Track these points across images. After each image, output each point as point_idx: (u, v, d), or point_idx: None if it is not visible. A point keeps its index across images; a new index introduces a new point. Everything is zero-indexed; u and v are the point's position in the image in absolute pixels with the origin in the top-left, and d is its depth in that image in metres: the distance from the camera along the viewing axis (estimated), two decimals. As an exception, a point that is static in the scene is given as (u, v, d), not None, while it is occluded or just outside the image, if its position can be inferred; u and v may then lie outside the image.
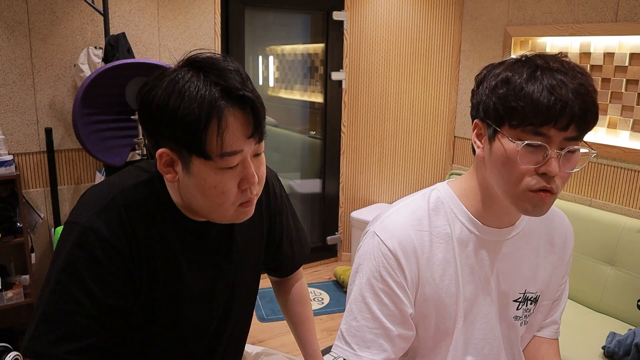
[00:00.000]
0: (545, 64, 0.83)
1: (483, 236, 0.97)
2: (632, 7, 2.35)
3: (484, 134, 0.91)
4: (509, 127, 0.84)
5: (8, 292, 2.32)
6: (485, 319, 1.00)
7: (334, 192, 3.65)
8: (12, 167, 2.29)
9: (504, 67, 0.88)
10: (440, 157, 3.47)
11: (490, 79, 0.88)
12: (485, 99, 0.88)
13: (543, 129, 0.81)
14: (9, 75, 2.43)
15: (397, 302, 0.94)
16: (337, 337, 0.99)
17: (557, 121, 0.80)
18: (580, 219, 2.39)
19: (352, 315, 0.96)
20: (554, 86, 0.80)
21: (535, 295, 1.04)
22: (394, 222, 0.96)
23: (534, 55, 0.87)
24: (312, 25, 3.54)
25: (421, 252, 0.95)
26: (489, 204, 0.96)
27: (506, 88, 0.84)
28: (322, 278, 3.49)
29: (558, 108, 0.79)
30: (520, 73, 0.83)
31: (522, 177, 0.85)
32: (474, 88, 0.94)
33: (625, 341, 1.88)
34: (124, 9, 2.64)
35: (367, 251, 0.96)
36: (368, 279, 0.95)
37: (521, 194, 0.86)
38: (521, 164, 0.83)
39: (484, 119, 0.90)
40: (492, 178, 0.91)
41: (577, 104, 0.80)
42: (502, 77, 0.85)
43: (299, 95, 3.59)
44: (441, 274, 0.96)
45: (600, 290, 2.30)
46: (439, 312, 0.97)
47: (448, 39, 3.29)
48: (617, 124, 2.45)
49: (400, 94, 3.39)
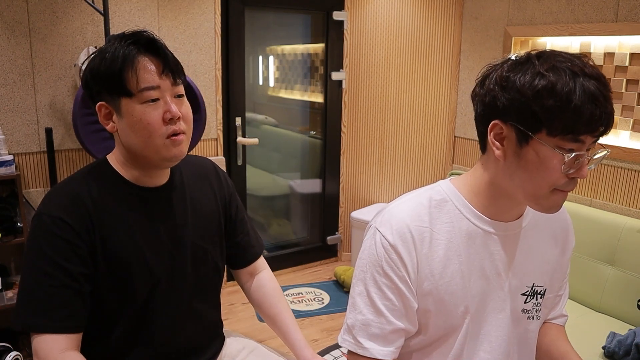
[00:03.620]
0: (580, 70, 0.84)
1: (490, 231, 0.98)
2: (632, 7, 2.35)
3: (509, 137, 0.89)
4: (547, 135, 0.85)
5: (8, 292, 2.32)
6: (499, 314, 1.01)
7: (334, 192, 3.65)
8: (12, 167, 2.29)
9: (533, 68, 0.86)
10: (440, 157, 3.47)
11: (524, 83, 0.85)
12: (520, 106, 0.86)
13: (582, 136, 0.84)
14: (9, 75, 2.43)
15: (401, 297, 0.96)
16: (343, 331, 1.01)
17: (596, 130, 0.84)
18: (580, 219, 2.39)
19: (358, 309, 0.98)
20: (596, 97, 0.82)
21: (542, 289, 1.05)
22: (394, 216, 0.97)
23: (562, 57, 0.86)
24: (312, 25, 3.54)
25: (420, 248, 0.96)
26: (495, 200, 0.97)
27: (553, 99, 0.83)
28: (322, 278, 3.49)
29: (602, 120, 0.83)
30: (564, 81, 0.83)
31: (553, 182, 0.87)
32: (490, 89, 0.90)
33: (625, 341, 1.88)
34: (124, 9, 2.64)
35: (369, 246, 0.98)
36: (372, 274, 0.97)
37: (546, 195, 0.89)
38: (563, 171, 0.86)
39: (511, 122, 0.88)
40: (514, 180, 0.91)
41: (612, 114, 0.85)
42: (544, 84, 0.83)
43: (299, 95, 3.59)
44: (441, 271, 0.96)
45: (600, 290, 2.30)
46: (439, 309, 0.97)
47: (448, 39, 3.29)
48: (617, 124, 2.45)
49: (400, 94, 3.39)
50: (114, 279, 1.10)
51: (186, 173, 1.25)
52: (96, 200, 1.09)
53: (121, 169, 1.14)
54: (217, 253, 1.29)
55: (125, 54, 1.05)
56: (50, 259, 1.04)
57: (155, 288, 1.14)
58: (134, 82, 1.04)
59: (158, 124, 1.05)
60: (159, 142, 1.06)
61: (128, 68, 1.04)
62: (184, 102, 1.11)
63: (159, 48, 1.07)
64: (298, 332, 1.32)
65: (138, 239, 1.12)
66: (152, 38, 1.08)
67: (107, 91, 1.06)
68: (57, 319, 1.03)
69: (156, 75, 1.05)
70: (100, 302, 1.10)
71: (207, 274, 1.26)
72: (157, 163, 1.12)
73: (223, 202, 1.32)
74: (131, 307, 1.12)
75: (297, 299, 3.18)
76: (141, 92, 1.04)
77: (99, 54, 1.08)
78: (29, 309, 1.04)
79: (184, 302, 1.20)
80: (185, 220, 1.20)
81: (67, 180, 1.13)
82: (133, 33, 1.09)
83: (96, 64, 1.07)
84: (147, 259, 1.13)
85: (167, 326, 1.18)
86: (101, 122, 1.10)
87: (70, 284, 1.05)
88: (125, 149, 1.12)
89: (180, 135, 1.08)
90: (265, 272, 1.44)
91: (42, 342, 1.02)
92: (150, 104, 1.05)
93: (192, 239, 1.21)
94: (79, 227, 1.06)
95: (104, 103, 1.08)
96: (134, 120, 1.05)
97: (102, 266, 1.08)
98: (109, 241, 1.09)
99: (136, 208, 1.13)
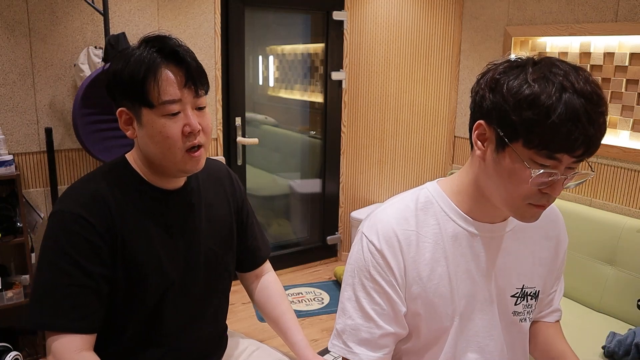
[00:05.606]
0: (571, 85, 0.80)
1: (477, 232, 0.98)
2: (632, 7, 2.35)
3: (490, 139, 0.88)
4: (523, 146, 0.83)
5: (8, 292, 2.32)
6: (486, 315, 1.01)
7: (334, 192, 3.65)
8: (12, 167, 2.29)
9: (523, 75, 0.83)
10: (440, 157, 3.47)
11: (510, 88, 0.83)
12: (501, 111, 0.84)
13: (558, 155, 0.81)
14: (9, 75, 2.43)
15: (389, 301, 0.96)
16: (333, 336, 1.01)
17: (574, 151, 0.81)
18: (580, 219, 2.39)
19: (348, 314, 0.98)
20: (579, 117, 0.78)
21: (534, 291, 1.05)
22: (380, 221, 0.97)
23: (558, 68, 0.83)
24: (312, 25, 3.54)
25: (407, 251, 0.96)
26: (481, 200, 0.96)
27: (532, 111, 0.79)
28: (322, 278, 3.49)
29: (580, 141, 0.79)
30: (547, 94, 0.79)
31: (525, 194, 0.86)
32: (481, 88, 0.89)
33: (625, 341, 1.88)
34: (124, 9, 2.64)
35: (356, 251, 0.99)
36: (360, 279, 0.97)
37: (520, 206, 0.88)
38: (531, 185, 0.84)
39: (494, 126, 0.87)
40: (491, 184, 0.91)
41: (597, 137, 0.81)
42: (527, 94, 0.80)
43: (299, 95, 3.59)
44: (429, 274, 0.96)
45: (600, 290, 2.30)
46: (429, 312, 0.97)
47: (448, 39, 3.29)
48: (617, 123, 2.45)
49: (400, 94, 3.39)
50: (129, 281, 1.09)
51: (202, 176, 1.24)
52: (119, 200, 1.07)
53: (140, 169, 1.13)
54: (228, 257, 1.28)
55: (149, 63, 1.02)
56: (70, 258, 1.01)
57: (167, 291, 1.13)
58: (155, 93, 1.02)
59: (177, 137, 1.04)
60: (177, 155, 1.05)
61: (150, 78, 1.02)
62: (205, 114, 1.09)
63: (183, 58, 1.04)
64: (300, 332, 1.32)
65: (155, 241, 1.11)
66: (177, 47, 1.05)
67: (128, 98, 1.05)
68: (74, 319, 1.02)
69: (178, 87, 1.03)
70: (113, 302, 1.09)
71: (219, 278, 1.26)
72: (174, 173, 1.12)
73: (236, 206, 1.31)
74: (143, 309, 1.12)
75: (297, 299, 3.18)
76: (162, 105, 1.02)
77: (123, 57, 1.05)
78: (45, 307, 1.02)
79: (195, 305, 1.20)
80: (200, 224, 1.20)
81: (87, 178, 1.11)
82: (158, 38, 1.06)
83: (119, 69, 1.05)
84: (162, 262, 1.12)
85: (178, 328, 1.18)
86: (121, 128, 1.09)
87: (89, 284, 1.03)
88: (143, 154, 1.11)
89: (199, 151, 1.07)
90: (270, 274, 1.44)
91: (58, 341, 1.02)
92: (171, 117, 1.03)
93: (206, 244, 1.20)
94: (101, 227, 1.04)
95: (124, 109, 1.07)
96: (153, 131, 1.04)
97: (120, 267, 1.07)
98: (128, 242, 1.07)
99: (154, 210, 1.12)
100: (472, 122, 0.93)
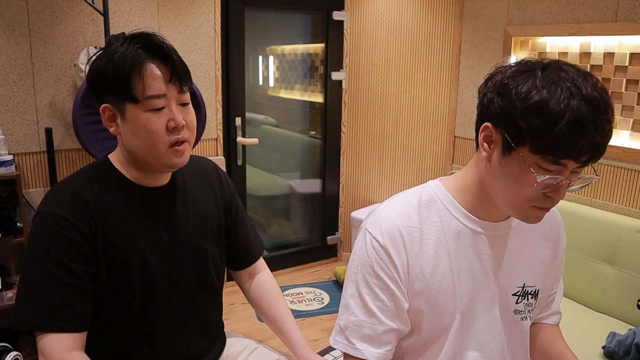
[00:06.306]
0: (578, 92, 0.80)
1: (479, 230, 0.98)
2: (632, 7, 2.35)
3: (496, 142, 0.89)
4: (529, 151, 0.83)
5: (8, 292, 2.32)
6: (487, 313, 1.01)
7: (334, 192, 3.65)
8: (12, 167, 2.29)
9: (532, 80, 0.83)
10: (440, 157, 3.47)
11: (518, 94, 0.83)
12: (509, 116, 0.84)
13: (564, 160, 0.83)
14: (9, 75, 2.43)
15: (392, 297, 0.96)
16: (335, 332, 1.01)
17: (580, 157, 0.82)
18: (580, 219, 2.39)
19: (351, 310, 0.99)
20: (586, 125, 0.79)
21: (534, 289, 1.05)
22: (384, 217, 0.98)
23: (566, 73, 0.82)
24: (312, 25, 3.54)
25: (410, 248, 0.96)
26: (483, 199, 0.97)
27: (539, 118, 0.80)
28: (322, 278, 3.49)
29: (586, 148, 0.81)
30: (556, 101, 0.79)
31: (529, 197, 0.87)
32: (489, 91, 0.89)
33: (625, 341, 1.88)
34: (124, 9, 2.64)
35: (360, 247, 1.00)
36: (363, 275, 0.98)
37: (525, 208, 0.89)
38: (535, 189, 0.85)
39: (501, 130, 0.87)
40: (496, 186, 0.92)
41: (603, 144, 0.82)
42: (536, 100, 0.81)
43: (299, 95, 3.59)
44: (432, 270, 0.97)
45: (600, 290, 2.30)
46: (431, 308, 0.98)
47: (448, 39, 3.29)
48: (617, 123, 2.45)
49: (400, 94, 3.39)
50: (114, 278, 1.10)
51: (188, 173, 1.25)
52: (98, 199, 1.09)
53: (123, 168, 1.14)
54: (217, 254, 1.29)
55: (133, 58, 1.03)
56: (54, 258, 1.03)
57: (154, 288, 1.14)
58: (140, 88, 1.03)
59: (161, 132, 1.05)
60: (161, 149, 1.06)
61: (135, 73, 1.03)
62: (189, 110, 1.11)
63: (168, 54, 1.06)
64: (297, 332, 1.32)
65: (139, 238, 1.12)
66: (162, 43, 1.07)
67: (113, 94, 1.06)
68: (61, 318, 1.03)
69: (163, 82, 1.04)
70: (101, 301, 1.10)
71: (208, 275, 1.26)
72: (158, 168, 1.12)
73: (224, 202, 1.32)
74: (131, 307, 1.12)
75: (297, 299, 3.18)
76: (147, 99, 1.03)
77: (106, 54, 1.06)
78: (32, 308, 1.03)
79: (184, 302, 1.20)
80: (186, 220, 1.20)
81: (69, 179, 1.12)
82: (142, 35, 1.07)
83: (103, 65, 1.05)
84: (147, 258, 1.12)
85: (169, 327, 1.18)
86: (104, 124, 1.10)
87: (75, 282, 1.04)
88: (127, 151, 1.12)
89: (183, 145, 1.09)
90: (265, 272, 1.44)
91: (47, 341, 1.02)
92: (155, 112, 1.04)
93: (193, 240, 1.21)
94: (82, 226, 1.05)
95: (108, 105, 1.08)
96: (137, 126, 1.05)
97: (103, 265, 1.08)
98: (110, 240, 1.09)
99: (137, 208, 1.13)
100: (478, 123, 0.93)
